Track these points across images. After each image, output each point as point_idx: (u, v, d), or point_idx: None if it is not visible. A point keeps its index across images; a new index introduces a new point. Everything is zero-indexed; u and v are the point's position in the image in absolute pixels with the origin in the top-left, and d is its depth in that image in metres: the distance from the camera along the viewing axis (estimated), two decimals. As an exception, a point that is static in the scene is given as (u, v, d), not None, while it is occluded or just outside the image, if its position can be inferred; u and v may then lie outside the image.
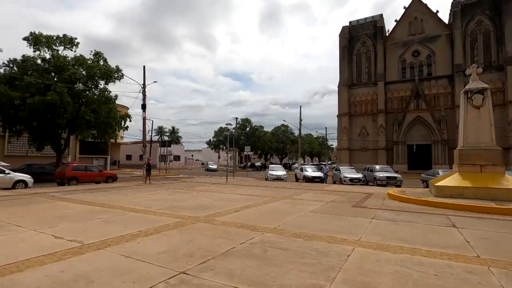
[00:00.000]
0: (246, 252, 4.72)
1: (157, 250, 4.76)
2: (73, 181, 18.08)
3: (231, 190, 15.33)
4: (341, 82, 50.99)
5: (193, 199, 11.48)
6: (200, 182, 20.57)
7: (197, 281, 3.57)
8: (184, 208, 9.01)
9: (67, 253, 4.54)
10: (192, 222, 6.98)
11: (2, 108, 20.06)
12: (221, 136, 57.60)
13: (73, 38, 23.26)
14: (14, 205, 9.38)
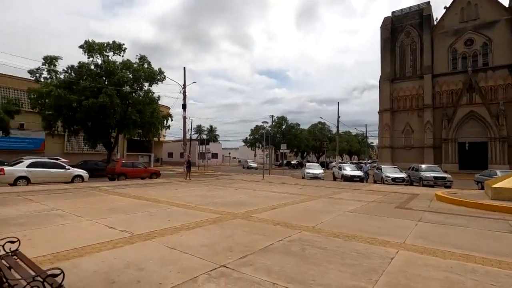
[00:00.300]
0: (284, 250, 4.74)
1: (199, 243, 4.99)
2: (122, 176, 19.56)
3: (267, 187, 15.43)
4: (382, 77, 48.37)
5: (231, 195, 11.77)
6: (237, 180, 21.00)
7: (237, 274, 3.68)
8: (222, 204, 9.29)
9: (119, 242, 4.95)
10: (231, 218, 7.18)
11: (62, 110, 22.36)
12: (257, 134, 58.10)
13: (121, 44, 25.09)
14: (73, 197, 10.43)
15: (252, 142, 60.18)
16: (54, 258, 4.14)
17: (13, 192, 11.35)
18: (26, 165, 15.10)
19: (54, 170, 15.96)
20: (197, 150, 45.50)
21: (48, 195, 10.70)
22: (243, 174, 30.16)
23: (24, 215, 7.03)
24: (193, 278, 3.54)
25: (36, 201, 9.27)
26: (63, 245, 4.69)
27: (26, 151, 28.17)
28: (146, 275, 3.59)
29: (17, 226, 5.94)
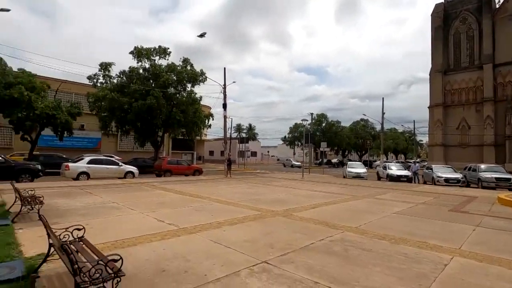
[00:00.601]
0: (326, 249, 4.65)
1: (241, 238, 5.11)
2: (168, 173, 20.76)
3: (307, 186, 15.21)
4: (433, 68, 44.58)
5: (271, 193, 11.83)
6: (276, 178, 21.02)
7: (278, 271, 3.71)
8: (262, 202, 9.38)
9: (167, 234, 5.28)
10: (271, 216, 7.23)
11: (115, 112, 24.39)
12: (296, 132, 57.45)
13: (166, 49, 26.56)
14: (125, 192, 11.34)
15: (291, 140, 59.65)
16: (112, 245, 4.56)
17: (76, 186, 12.69)
18: (86, 162, 16.79)
19: (109, 167, 17.52)
20: (237, 149, 46.46)
21: (104, 189, 11.78)
22: (283, 172, 30.09)
23: (85, 207, 7.84)
24: (236, 272, 3.65)
25: (95, 194, 10.27)
26: (119, 235, 5.14)
27: (85, 149, 31.28)
28: (192, 266, 3.79)
29: (81, 216, 6.64)
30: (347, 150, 63.02)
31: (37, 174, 14.69)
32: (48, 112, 20.72)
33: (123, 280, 2.67)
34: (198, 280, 3.38)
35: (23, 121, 20.21)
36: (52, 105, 21.30)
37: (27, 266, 3.45)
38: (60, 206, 7.79)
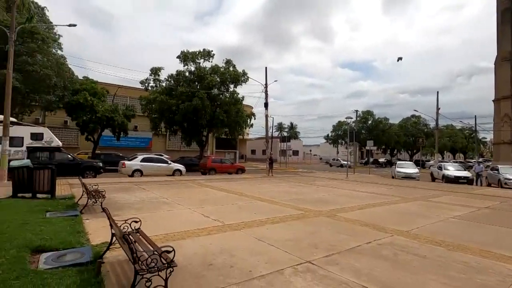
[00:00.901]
0: (374, 252, 4.45)
1: (284, 237, 5.13)
2: (212, 171, 21.59)
3: (352, 186, 14.64)
4: (499, 56, 39.57)
5: (314, 193, 11.63)
6: (319, 177, 20.58)
7: (323, 272, 3.65)
8: (305, 201, 9.27)
9: (213, 230, 5.51)
10: (315, 215, 7.12)
11: (164, 113, 26.02)
12: (339, 131, 55.45)
13: (210, 51, 27.57)
14: (174, 188, 12.07)
15: (334, 139, 57.72)
16: (164, 238, 4.90)
17: (131, 182, 13.84)
18: (139, 160, 18.21)
19: (159, 165, 18.78)
20: (279, 147, 46.43)
21: (156, 185, 12.66)
22: (325, 172, 29.33)
23: (140, 201, 8.52)
24: (280, 270, 3.68)
25: (147, 190, 11.10)
26: (169, 228, 5.50)
27: (138, 149, 33.95)
28: (237, 262, 3.91)
29: (136, 210, 7.24)
30: (396, 149, 59.03)
31: (99, 171, 16.34)
32: (107, 115, 22.91)
33: (175, 271, 2.86)
34: (243, 276, 3.48)
35: (87, 123, 22.63)
36: (110, 109, 23.53)
37: (94, 253, 3.88)
38: (119, 200, 8.57)
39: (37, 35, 17.06)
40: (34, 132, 15.62)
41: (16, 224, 5.03)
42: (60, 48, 20.08)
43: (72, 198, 8.36)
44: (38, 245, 4.00)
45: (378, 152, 60.41)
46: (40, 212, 6.24)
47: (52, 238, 4.34)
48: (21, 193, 7.97)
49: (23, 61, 16.27)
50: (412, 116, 56.62)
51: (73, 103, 21.50)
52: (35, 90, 17.70)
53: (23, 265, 3.33)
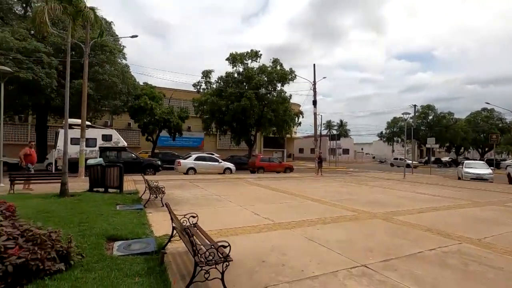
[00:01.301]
0: (438, 260, 4.08)
1: (336, 238, 4.99)
2: (261, 170, 21.90)
3: (411, 187, 13.55)
4: None
5: (367, 194, 11.06)
6: (372, 177, 19.48)
7: (380, 277, 3.47)
8: (358, 202, 8.87)
9: (264, 228, 5.61)
10: (369, 217, 6.78)
11: (215, 114, 27.20)
12: (395, 127, 51.68)
13: (257, 52, 27.99)
14: (225, 186, 12.54)
15: (389, 136, 54.00)
16: (218, 233, 5.14)
17: (186, 179, 14.76)
18: (193, 159, 19.32)
19: (211, 163, 19.69)
20: (328, 146, 45.10)
21: (208, 183, 13.31)
22: (379, 171, 27.60)
23: (194, 198, 9.04)
24: (333, 271, 3.60)
25: (201, 187, 11.73)
26: (223, 224, 5.75)
27: (191, 148, 36.02)
28: (289, 261, 3.93)
29: (191, 205, 7.71)
30: (463, 147, 52.86)
31: (158, 169, 17.77)
32: (164, 117, 24.77)
33: (230, 265, 3.00)
34: (295, 275, 3.49)
35: (147, 125, 24.76)
36: (167, 111, 25.39)
37: (157, 244, 4.26)
38: (176, 196, 9.22)
39: (105, 47, 19.20)
40: (105, 134, 17.63)
41: (94, 214, 5.75)
42: (124, 58, 22.32)
43: (137, 193, 9.24)
44: (112, 234, 4.52)
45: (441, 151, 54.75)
46: (112, 204, 7.03)
47: (122, 229, 4.86)
48: (96, 188, 9.07)
49: (95, 71, 18.45)
50: (483, 110, 50.00)
51: (135, 107, 23.72)
52: (104, 97, 19.94)
53: (101, 250, 3.81)
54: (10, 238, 2.78)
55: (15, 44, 15.59)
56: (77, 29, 17.24)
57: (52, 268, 2.89)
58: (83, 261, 3.38)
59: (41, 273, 2.80)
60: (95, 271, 3.17)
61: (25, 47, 15.85)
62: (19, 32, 16.56)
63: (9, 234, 2.82)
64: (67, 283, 2.80)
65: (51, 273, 2.87)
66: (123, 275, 3.15)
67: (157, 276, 3.21)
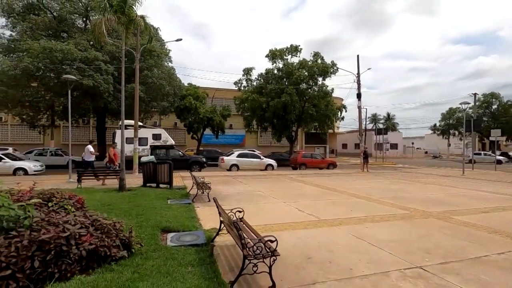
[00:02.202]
0: (510, 266, 3.65)
1: (387, 237, 4.74)
2: (303, 166, 21.61)
3: (473, 185, 12.27)
4: None
5: (420, 191, 10.28)
6: (425, 173, 18.02)
7: (438, 281, 3.22)
8: (410, 200, 8.30)
9: (309, 224, 5.54)
10: (423, 217, 6.30)
11: (255, 111, 27.44)
12: (451, 119, 47.17)
13: (297, 46, 27.53)
14: (268, 182, 12.62)
15: (444, 129, 49.42)
16: (263, 228, 5.20)
17: (229, 176, 15.18)
18: (236, 156, 19.78)
19: (253, 160, 19.97)
20: (373, 141, 42.78)
21: (251, 179, 13.52)
22: (433, 167, 25.42)
23: (239, 193, 9.27)
24: (384, 272, 3.43)
25: (244, 183, 11.97)
26: (267, 220, 5.81)
27: (233, 145, 36.85)
28: (336, 258, 3.84)
29: (236, 201, 7.91)
30: (536, 139, 46.18)
31: (203, 165, 18.54)
32: (208, 116, 25.71)
33: (276, 260, 3.03)
34: (344, 273, 3.40)
35: (192, 124, 25.93)
36: (210, 110, 26.32)
37: (206, 236, 4.46)
38: (222, 191, 9.54)
39: (153, 52, 20.47)
40: (155, 133, 18.89)
41: (148, 208, 6.22)
42: (170, 61, 23.58)
43: (185, 189, 9.76)
44: (165, 226, 4.84)
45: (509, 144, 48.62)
46: (163, 199, 7.53)
47: (173, 221, 5.18)
48: (149, 184, 9.78)
49: (145, 75, 19.79)
50: (563, 96, 43.07)
51: (181, 107, 24.98)
52: (153, 98, 21.32)
53: (156, 241, 4.11)
54: (83, 227, 3.14)
55: (78, 54, 17.40)
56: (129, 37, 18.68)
57: (117, 254, 3.20)
58: (142, 249, 3.68)
59: (108, 258, 3.12)
60: (153, 259, 3.43)
61: (86, 56, 17.60)
62: (81, 44, 18.44)
63: (82, 223, 3.19)
64: (130, 269, 3.08)
65: (116, 259, 3.19)
66: (177, 264, 3.37)
67: (208, 267, 3.37)
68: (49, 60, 16.74)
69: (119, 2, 7.85)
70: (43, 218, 3.10)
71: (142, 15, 8.40)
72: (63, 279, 2.73)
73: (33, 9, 20.05)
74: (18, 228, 2.88)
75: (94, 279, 2.75)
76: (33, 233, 2.81)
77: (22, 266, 2.57)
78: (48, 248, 2.72)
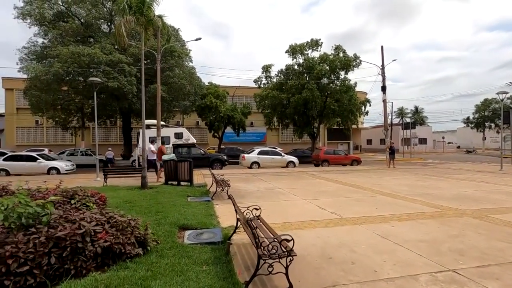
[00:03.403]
0: (559, 271, 3.24)
1: (414, 237, 4.41)
2: (325, 162, 21.10)
3: (511, 181, 11.32)
4: None
5: (452, 188, 9.62)
6: (457, 169, 16.92)
7: (475, 286, 2.91)
8: (440, 197, 7.77)
9: (330, 223, 5.31)
10: (456, 215, 5.84)
11: (276, 108, 27.18)
12: (487, 111, 44.18)
13: (317, 40, 26.88)
14: (288, 179, 12.41)
15: (479, 121, 46.39)
16: (282, 226, 5.05)
17: (250, 173, 15.11)
18: (257, 153, 19.69)
19: (274, 157, 19.77)
20: (400, 135, 41.01)
21: (272, 176, 13.37)
22: (467, 163, 23.87)
23: (258, 191, 9.15)
24: (413, 275, 3.16)
25: (264, 180, 11.84)
26: (287, 217, 5.65)
27: (254, 143, 36.84)
28: (359, 258, 3.60)
29: (255, 198, 7.81)
30: None
31: (224, 163, 18.64)
32: (228, 114, 25.82)
33: (294, 259, 2.86)
34: (368, 275, 3.17)
35: (213, 122, 26.16)
36: (230, 108, 26.41)
37: (223, 234, 4.38)
38: (241, 189, 9.48)
39: (174, 52, 20.82)
40: (177, 132, 19.25)
41: (168, 205, 6.27)
42: (191, 61, 23.88)
43: (205, 186, 9.80)
44: (183, 223, 4.83)
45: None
46: (183, 196, 7.58)
47: (192, 219, 5.16)
48: (170, 181, 9.94)
49: (166, 76, 20.20)
50: None
51: (202, 106, 25.28)
52: (175, 98, 21.72)
53: (173, 238, 4.09)
54: (98, 224, 3.16)
55: (104, 58, 18.07)
56: (150, 39, 19.10)
57: (132, 252, 3.19)
58: (158, 247, 3.66)
59: (123, 256, 3.11)
60: (168, 257, 3.40)
61: (111, 59, 18.25)
62: (106, 47, 19.14)
63: (98, 220, 3.21)
64: (144, 267, 3.06)
65: (131, 256, 3.18)
66: (192, 262, 3.31)
67: (223, 265, 3.28)
68: (77, 64, 17.53)
69: (138, 2, 7.98)
70: (61, 215, 3.16)
71: (160, 14, 8.50)
72: (79, 275, 2.75)
73: (63, 16, 21.10)
74: (37, 225, 2.94)
75: (108, 277, 2.74)
76: (51, 230, 2.86)
77: (40, 262, 2.61)
78: (64, 244, 2.75)
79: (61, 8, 21.17)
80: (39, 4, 19.72)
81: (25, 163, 15.58)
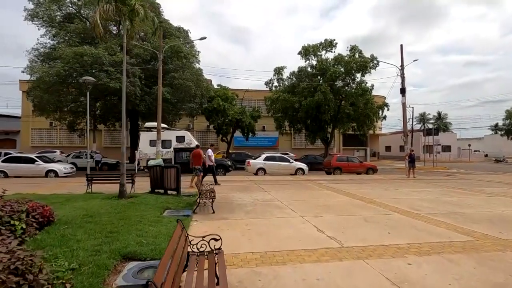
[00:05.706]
0: None
1: (441, 284, 3.11)
2: (337, 170, 19.56)
3: (556, 198, 9.52)
4: None
5: (485, 205, 8.04)
6: (487, 181, 15.00)
7: None
8: (473, 219, 6.29)
9: (325, 254, 4.07)
10: (496, 248, 4.42)
11: (287, 111, 25.92)
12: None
13: (332, 41, 25.49)
14: (292, 189, 11.15)
15: (509, 128, 43.01)
16: (260, 258, 3.87)
17: (254, 181, 13.94)
18: (263, 159, 18.51)
19: (281, 163, 18.50)
20: (421, 142, 38.46)
21: (275, 185, 12.15)
22: (497, 173, 21.53)
23: (253, 203, 7.98)
24: None
25: (265, 190, 10.65)
26: (271, 243, 4.47)
27: (266, 148, 35.61)
28: (355, 327, 2.37)
29: (246, 213, 6.67)
30: None
31: (228, 169, 17.59)
32: (237, 117, 24.84)
33: None
34: None
35: (221, 126, 25.27)
36: (239, 111, 25.43)
37: (173, 271, 3.25)
38: (235, 200, 8.36)
39: (180, 53, 20.15)
40: (178, 135, 18.46)
41: (133, 221, 5.24)
42: (198, 62, 23.18)
43: (195, 196, 8.72)
44: (130, 251, 3.75)
45: None
46: (160, 209, 6.56)
47: (148, 243, 4.09)
48: (157, 189, 8.96)
49: (172, 77, 19.52)
50: None
51: (210, 109, 24.46)
52: (181, 100, 21.00)
53: (98, 280, 2.98)
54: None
55: (107, 58, 17.62)
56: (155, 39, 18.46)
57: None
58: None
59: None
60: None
61: (114, 60, 17.76)
62: (111, 48, 18.72)
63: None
64: None
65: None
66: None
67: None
68: (80, 65, 17.14)
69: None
70: None
71: (143, 3, 7.64)
72: None
73: (71, 18, 21.00)
74: None
75: None
76: None
77: None
78: None
79: (70, 10, 21.10)
80: (47, 6, 19.66)
81: (23, 165, 15.23)
